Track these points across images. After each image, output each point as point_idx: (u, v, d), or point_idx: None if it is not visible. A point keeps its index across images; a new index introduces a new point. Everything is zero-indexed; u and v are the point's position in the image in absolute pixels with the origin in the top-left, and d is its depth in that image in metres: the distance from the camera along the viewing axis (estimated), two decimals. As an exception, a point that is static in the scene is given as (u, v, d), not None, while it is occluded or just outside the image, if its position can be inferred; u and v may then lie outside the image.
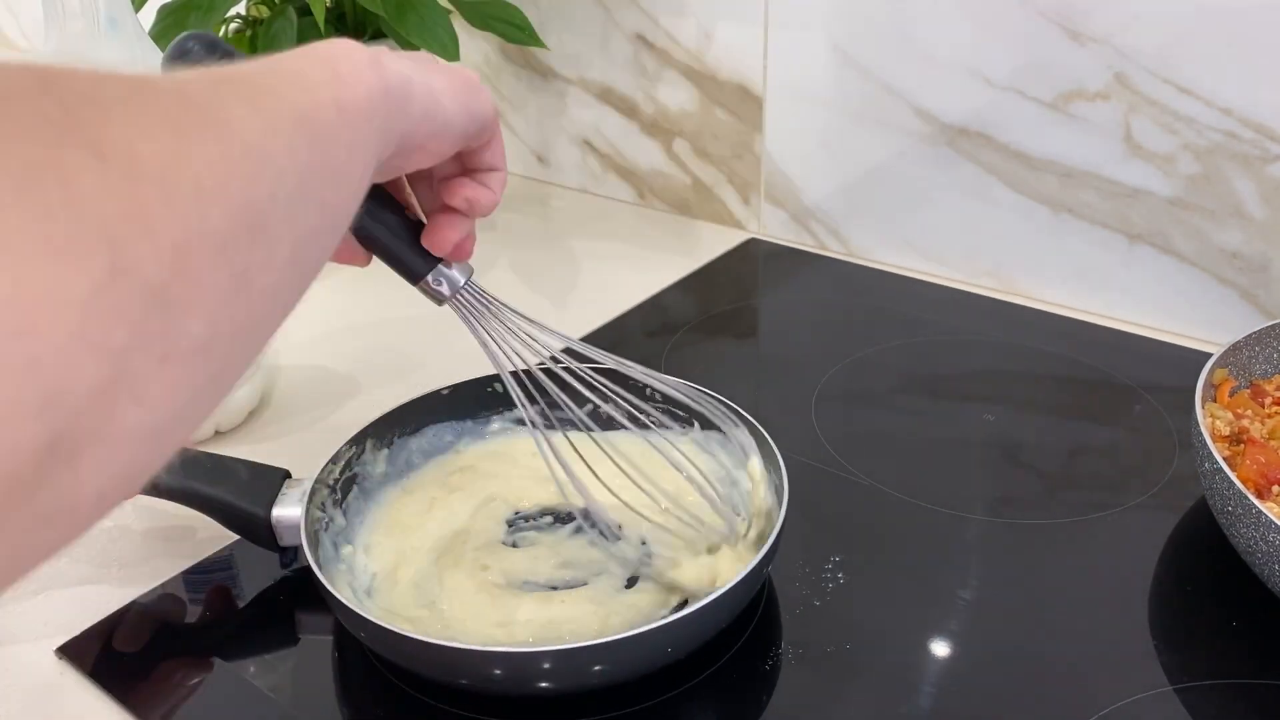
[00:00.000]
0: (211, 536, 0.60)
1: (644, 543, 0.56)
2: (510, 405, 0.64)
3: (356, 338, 0.84)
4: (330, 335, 0.84)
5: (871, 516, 0.61)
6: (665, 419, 0.58)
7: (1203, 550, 0.57)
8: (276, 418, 0.73)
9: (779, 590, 0.55)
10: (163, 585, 0.57)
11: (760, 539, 0.53)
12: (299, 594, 0.56)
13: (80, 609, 0.55)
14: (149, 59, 0.64)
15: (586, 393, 0.53)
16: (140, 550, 0.60)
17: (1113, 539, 0.58)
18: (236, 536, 0.58)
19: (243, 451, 0.65)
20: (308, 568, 0.50)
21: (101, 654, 0.53)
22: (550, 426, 0.54)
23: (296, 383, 0.77)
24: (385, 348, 0.82)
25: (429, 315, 0.91)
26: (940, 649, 0.52)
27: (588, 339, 0.81)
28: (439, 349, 0.80)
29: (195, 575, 0.58)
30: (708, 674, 0.50)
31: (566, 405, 0.53)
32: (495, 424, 0.64)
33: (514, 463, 0.62)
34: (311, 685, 0.51)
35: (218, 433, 0.71)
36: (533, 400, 0.53)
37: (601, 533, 0.56)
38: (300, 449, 0.68)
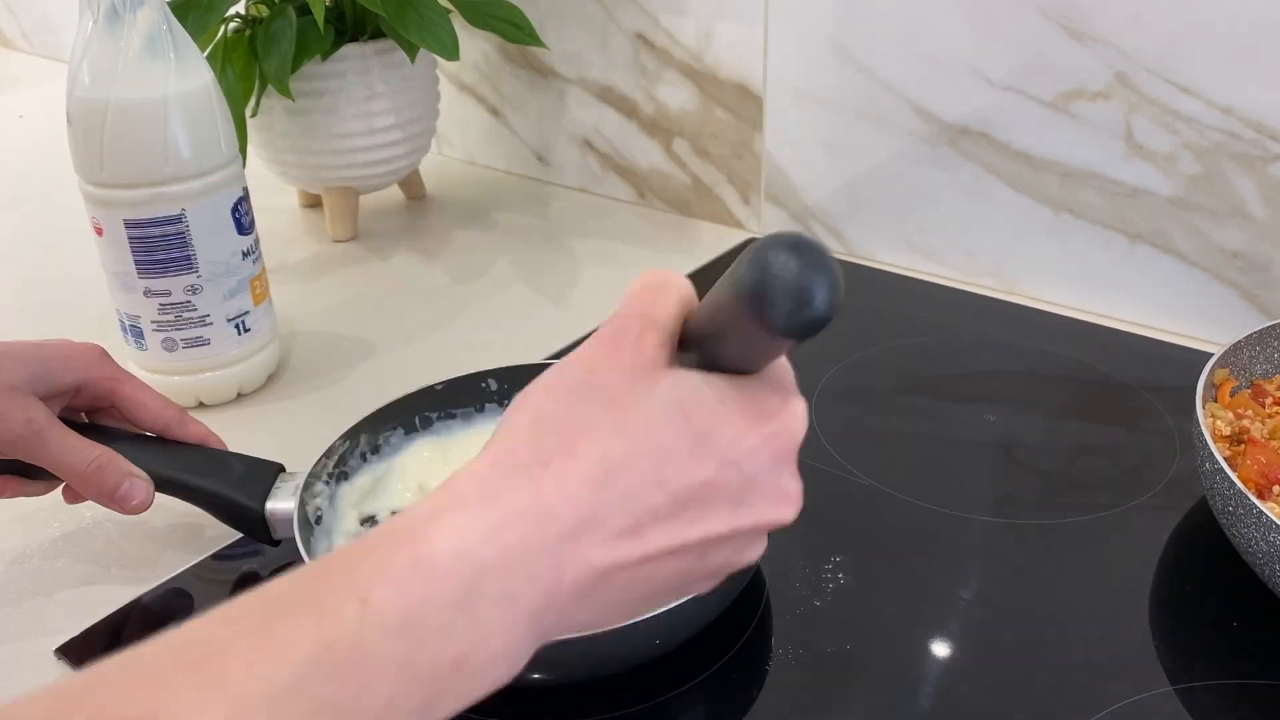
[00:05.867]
0: (210, 533, 0.59)
1: None
2: (501, 400, 0.65)
3: (369, 305, 0.89)
4: (344, 302, 0.89)
5: (871, 516, 0.61)
6: None
7: (1203, 550, 0.57)
8: (295, 379, 0.78)
9: (779, 590, 0.55)
10: (162, 584, 0.57)
11: None
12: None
13: (80, 609, 0.55)
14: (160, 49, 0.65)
15: None
16: (140, 549, 0.60)
17: (1113, 539, 0.58)
18: (235, 533, 0.58)
19: (263, 411, 0.74)
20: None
21: (101, 654, 0.52)
22: None
23: (313, 347, 0.83)
24: (395, 315, 0.87)
25: (439, 286, 0.92)
26: (940, 649, 0.51)
27: (588, 339, 0.81)
28: (447, 317, 0.86)
29: (194, 572, 0.58)
30: (708, 674, 0.50)
31: None
32: (489, 418, 0.65)
33: None
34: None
35: (240, 395, 0.75)
36: None
37: None
38: (317, 407, 0.75)
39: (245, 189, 0.71)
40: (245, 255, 0.71)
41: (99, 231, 0.68)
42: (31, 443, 0.52)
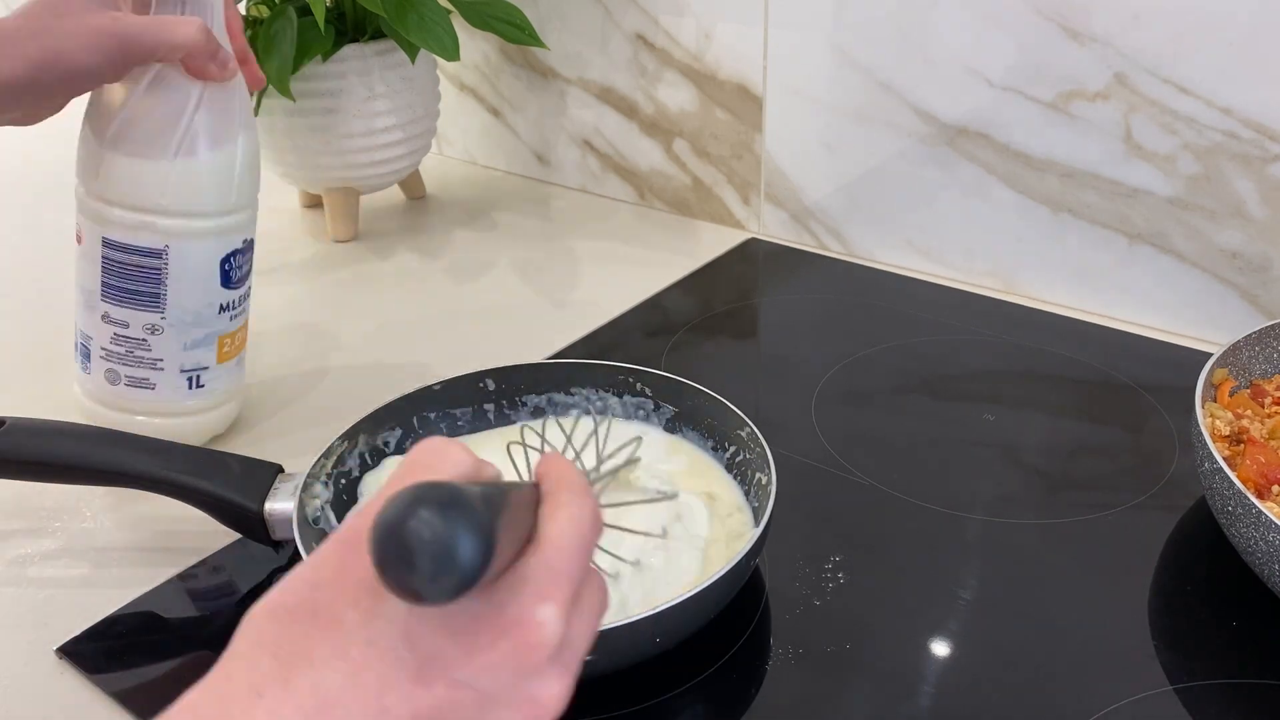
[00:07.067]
0: (209, 534, 0.59)
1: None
2: (498, 400, 0.65)
3: (369, 305, 0.86)
4: (344, 302, 0.86)
5: (871, 516, 0.61)
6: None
7: (1203, 550, 0.57)
8: (294, 379, 0.77)
9: (779, 590, 0.55)
10: (162, 584, 0.57)
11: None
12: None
13: (80, 609, 0.55)
14: None
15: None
16: (139, 550, 0.60)
17: (1113, 539, 0.58)
18: (235, 534, 0.58)
19: (262, 412, 0.71)
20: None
21: (101, 654, 0.53)
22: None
23: (312, 347, 0.80)
24: (395, 315, 0.85)
25: (439, 286, 0.91)
26: (940, 649, 0.52)
27: (588, 339, 0.81)
28: (447, 317, 0.83)
29: (194, 573, 0.58)
30: (708, 673, 0.50)
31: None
32: (488, 418, 0.65)
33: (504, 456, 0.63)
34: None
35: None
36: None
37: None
38: (316, 407, 0.73)
39: (248, 241, 0.65)
40: (223, 309, 0.64)
41: (79, 239, 0.62)
42: (121, 42, 0.54)
